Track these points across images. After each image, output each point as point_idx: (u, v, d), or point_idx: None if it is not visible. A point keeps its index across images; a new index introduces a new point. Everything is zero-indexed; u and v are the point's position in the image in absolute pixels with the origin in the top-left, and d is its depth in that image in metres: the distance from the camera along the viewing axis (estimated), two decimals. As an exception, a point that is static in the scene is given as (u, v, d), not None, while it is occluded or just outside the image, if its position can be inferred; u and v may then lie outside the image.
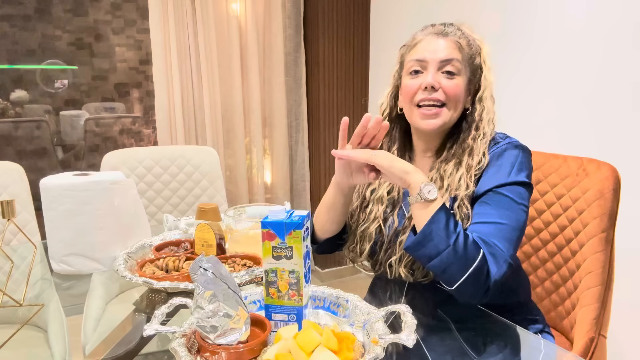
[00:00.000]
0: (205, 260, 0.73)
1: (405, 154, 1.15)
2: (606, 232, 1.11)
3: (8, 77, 3.39)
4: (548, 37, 1.89)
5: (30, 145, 3.51)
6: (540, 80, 1.94)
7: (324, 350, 0.69)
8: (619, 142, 1.68)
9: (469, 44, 1.04)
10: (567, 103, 1.85)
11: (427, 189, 0.91)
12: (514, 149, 1.01)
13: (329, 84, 2.90)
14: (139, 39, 3.69)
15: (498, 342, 0.90)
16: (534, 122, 1.97)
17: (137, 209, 1.33)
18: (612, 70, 1.68)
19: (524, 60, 2.00)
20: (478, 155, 1.01)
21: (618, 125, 1.68)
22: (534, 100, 1.97)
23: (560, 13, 1.84)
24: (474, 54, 1.05)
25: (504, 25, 2.06)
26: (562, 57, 1.85)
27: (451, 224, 0.90)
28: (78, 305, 1.05)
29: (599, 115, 1.74)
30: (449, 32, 1.04)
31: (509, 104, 2.06)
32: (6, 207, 1.04)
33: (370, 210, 1.11)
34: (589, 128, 1.77)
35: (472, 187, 0.99)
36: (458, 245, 0.89)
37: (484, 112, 1.04)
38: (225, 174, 2.82)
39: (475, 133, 1.03)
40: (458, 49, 1.02)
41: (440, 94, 1.01)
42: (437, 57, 1.01)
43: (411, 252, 0.95)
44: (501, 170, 0.99)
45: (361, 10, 2.90)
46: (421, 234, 0.91)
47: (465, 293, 0.91)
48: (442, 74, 1.02)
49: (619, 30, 1.65)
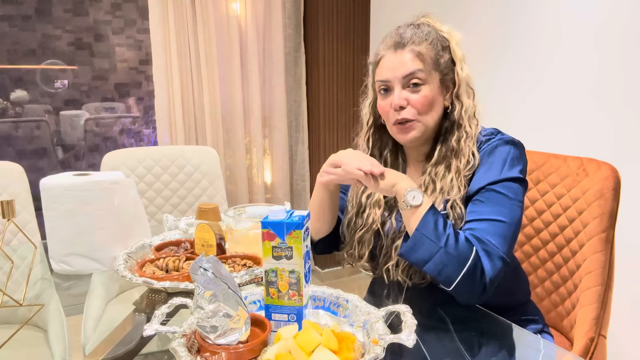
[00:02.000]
0: (205, 260, 0.73)
1: (398, 158, 1.15)
2: (606, 232, 1.11)
3: (8, 77, 3.39)
4: (548, 37, 1.89)
5: (30, 145, 3.51)
6: (541, 80, 1.94)
7: (324, 350, 0.69)
8: (619, 142, 1.68)
9: (431, 45, 1.02)
10: (568, 103, 1.85)
11: (412, 195, 0.92)
12: (504, 145, 1.00)
13: (329, 84, 2.90)
14: (139, 39, 3.69)
15: (497, 342, 0.90)
16: (534, 122, 1.97)
17: (137, 209, 1.33)
18: (613, 70, 1.68)
19: (524, 61, 2.00)
20: (465, 156, 1.01)
21: (618, 125, 1.68)
22: (534, 100, 1.97)
23: (560, 13, 1.84)
24: (439, 53, 1.03)
25: (505, 25, 2.06)
26: (562, 57, 1.85)
27: (440, 225, 0.91)
28: (78, 305, 1.05)
29: (599, 115, 1.74)
30: (407, 41, 1.02)
31: (509, 104, 2.06)
32: (6, 207, 1.04)
33: (368, 215, 1.11)
34: (589, 128, 1.77)
35: (463, 188, 1.00)
36: (449, 246, 0.89)
37: (462, 110, 1.03)
38: (225, 174, 2.82)
39: (459, 133, 1.02)
40: (418, 58, 1.01)
41: (410, 111, 1.01)
42: (398, 74, 1.01)
43: (405, 258, 0.96)
44: (493, 167, 0.99)
45: (361, 10, 2.90)
46: (412, 239, 0.93)
47: (463, 292, 0.91)
48: (408, 88, 1.02)
49: (619, 30, 1.65)
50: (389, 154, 1.14)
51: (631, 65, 1.62)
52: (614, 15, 1.66)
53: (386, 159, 1.14)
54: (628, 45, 1.63)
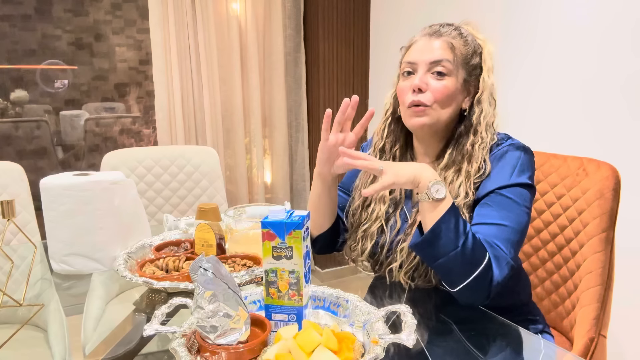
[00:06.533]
0: (205, 260, 0.73)
1: (406, 155, 1.15)
2: (606, 232, 1.11)
3: (8, 77, 3.39)
4: (549, 38, 1.89)
5: (30, 145, 3.51)
6: (541, 80, 1.94)
7: (324, 350, 0.69)
8: (619, 142, 1.68)
9: (465, 43, 1.03)
10: (568, 103, 1.85)
11: (435, 188, 0.90)
12: (515, 151, 1.00)
13: (329, 84, 2.90)
14: (139, 39, 3.69)
15: (498, 342, 0.90)
16: (535, 122, 1.97)
17: (137, 209, 1.33)
18: (613, 70, 1.68)
19: (524, 61, 2.00)
20: (477, 162, 1.00)
21: (618, 125, 1.68)
22: (535, 101, 1.97)
23: (561, 13, 1.84)
24: (470, 53, 1.03)
25: (505, 25, 2.06)
26: (562, 57, 1.85)
27: (460, 225, 0.89)
28: (78, 305, 1.05)
29: (599, 115, 1.74)
30: (443, 32, 1.03)
31: (510, 104, 2.06)
32: (6, 207, 1.05)
33: (372, 210, 1.10)
34: (589, 128, 1.77)
35: (471, 194, 0.99)
36: (466, 247, 0.88)
37: (481, 116, 1.02)
38: (225, 174, 2.82)
39: (474, 138, 1.02)
40: (450, 49, 1.01)
41: (427, 96, 1.01)
42: (426, 58, 1.01)
43: (417, 250, 0.94)
44: (503, 172, 0.98)
45: (361, 10, 2.90)
46: (430, 232, 0.90)
47: (467, 295, 0.91)
48: (431, 74, 1.01)
49: (620, 30, 1.65)
50: (398, 150, 1.14)
51: (631, 65, 1.62)
52: (614, 15, 1.66)
53: (395, 155, 1.14)
54: (628, 45, 1.63)
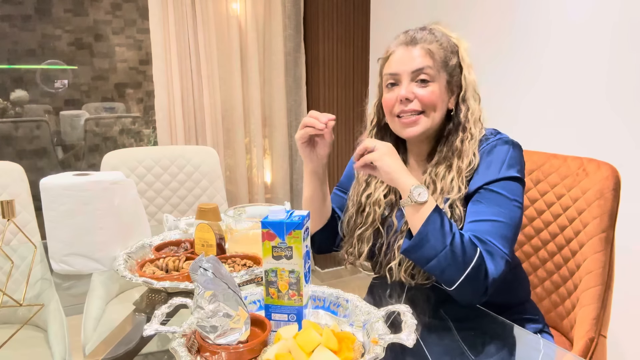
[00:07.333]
0: (205, 260, 0.73)
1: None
2: (606, 232, 1.11)
3: (8, 77, 3.39)
4: (549, 38, 1.89)
5: (30, 145, 3.51)
6: (541, 80, 1.94)
7: (324, 350, 0.69)
8: (619, 142, 1.68)
9: (441, 46, 1.04)
10: (568, 103, 1.85)
11: (417, 192, 0.92)
12: (503, 145, 1.01)
13: (329, 84, 2.90)
14: (139, 39, 3.69)
15: (497, 342, 0.90)
16: (535, 122, 1.97)
17: (137, 209, 1.33)
18: (613, 70, 1.68)
19: (524, 61, 2.00)
20: (468, 157, 1.01)
21: (618, 125, 1.68)
22: (535, 101, 1.97)
23: (561, 14, 1.84)
24: (448, 55, 1.05)
25: (505, 25, 2.06)
26: (562, 58, 1.85)
27: (446, 224, 0.91)
28: (78, 305, 1.05)
29: (599, 115, 1.74)
30: (419, 39, 1.04)
31: (510, 104, 2.06)
32: (6, 207, 1.05)
33: (368, 214, 1.11)
34: (589, 128, 1.77)
35: (464, 189, 1.00)
36: (455, 246, 0.89)
37: (469, 113, 1.04)
38: (225, 174, 2.82)
39: (463, 135, 1.03)
40: (429, 56, 1.02)
41: (416, 104, 1.03)
42: (407, 68, 1.02)
43: (408, 255, 0.95)
44: (491, 166, 0.99)
45: (361, 10, 2.90)
46: (417, 236, 0.92)
47: (464, 293, 0.91)
48: (415, 83, 1.03)
49: (620, 30, 1.65)
50: None
51: (632, 65, 1.62)
52: (615, 15, 1.66)
53: None
54: (628, 45, 1.63)
